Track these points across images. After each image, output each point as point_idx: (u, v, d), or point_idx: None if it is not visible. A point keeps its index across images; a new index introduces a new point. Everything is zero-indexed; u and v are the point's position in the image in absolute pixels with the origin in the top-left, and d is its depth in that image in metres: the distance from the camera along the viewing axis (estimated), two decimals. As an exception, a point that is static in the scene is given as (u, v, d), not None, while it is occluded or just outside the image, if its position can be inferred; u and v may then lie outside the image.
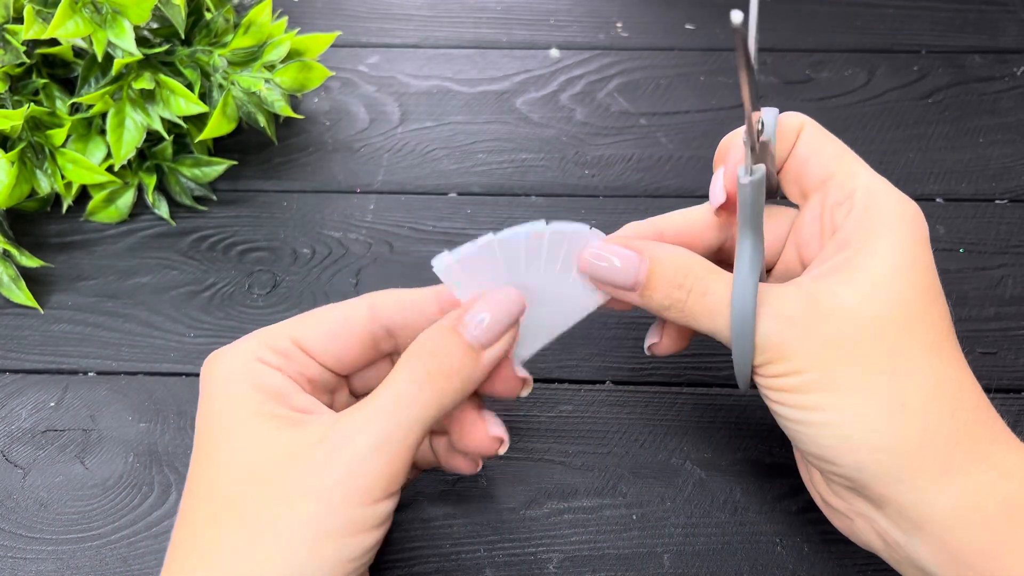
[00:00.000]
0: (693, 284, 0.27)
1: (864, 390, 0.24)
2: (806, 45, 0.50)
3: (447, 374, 0.25)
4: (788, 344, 0.25)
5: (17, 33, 0.38)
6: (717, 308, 0.26)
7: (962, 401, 0.25)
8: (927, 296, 0.26)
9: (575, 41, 0.50)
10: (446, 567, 0.33)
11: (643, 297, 0.27)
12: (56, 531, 0.34)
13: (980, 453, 0.24)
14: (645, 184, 0.44)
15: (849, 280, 0.25)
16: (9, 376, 0.38)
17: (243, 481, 0.24)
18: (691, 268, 0.27)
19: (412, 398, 0.25)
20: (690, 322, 0.27)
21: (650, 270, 0.27)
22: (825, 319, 0.25)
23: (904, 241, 0.26)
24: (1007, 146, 0.45)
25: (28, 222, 0.43)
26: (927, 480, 0.24)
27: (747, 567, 0.33)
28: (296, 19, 0.51)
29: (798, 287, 0.26)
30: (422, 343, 0.26)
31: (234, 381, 0.26)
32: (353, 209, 0.43)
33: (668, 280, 0.27)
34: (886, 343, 0.24)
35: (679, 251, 0.27)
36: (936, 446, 0.24)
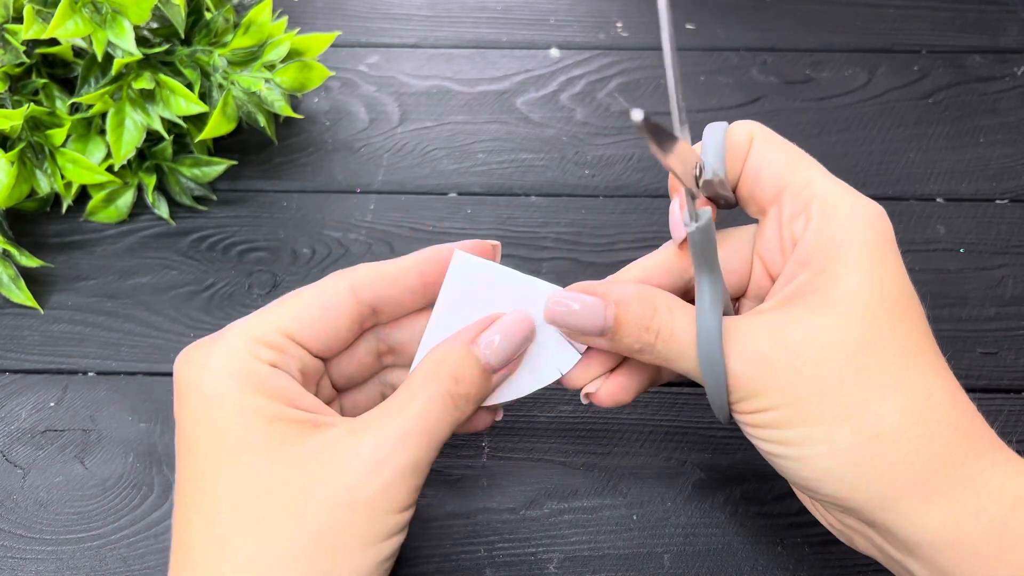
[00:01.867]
0: (660, 326, 0.26)
1: (837, 423, 0.24)
2: (806, 45, 0.50)
3: (467, 399, 0.26)
4: (759, 381, 0.25)
5: (17, 33, 0.38)
6: (686, 349, 0.26)
7: (941, 419, 0.24)
8: (898, 306, 0.25)
9: (575, 41, 0.50)
10: (446, 567, 0.33)
11: (613, 342, 0.27)
12: (56, 531, 0.34)
13: (963, 475, 0.23)
14: (645, 184, 0.44)
15: (814, 306, 0.25)
16: (9, 376, 0.38)
17: (262, 496, 0.24)
18: (657, 309, 0.26)
19: (439, 421, 0.25)
20: (663, 363, 0.27)
21: (616, 314, 0.26)
22: (793, 353, 0.24)
23: (867, 251, 0.25)
24: (1007, 146, 0.45)
25: (28, 222, 0.43)
26: (910, 506, 0.23)
27: (747, 567, 0.33)
28: (296, 19, 0.51)
29: (764, 321, 0.25)
30: (443, 364, 0.26)
31: (232, 383, 0.25)
32: (353, 209, 0.43)
33: (635, 323, 0.26)
34: (857, 369, 0.24)
35: (644, 291, 0.27)
36: (915, 474, 0.23)
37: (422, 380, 0.26)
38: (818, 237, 0.25)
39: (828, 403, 0.24)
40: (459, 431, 0.28)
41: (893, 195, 0.43)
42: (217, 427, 0.24)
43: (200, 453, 0.24)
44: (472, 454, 0.36)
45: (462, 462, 0.35)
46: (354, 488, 0.24)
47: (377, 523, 0.24)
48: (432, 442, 0.25)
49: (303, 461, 0.24)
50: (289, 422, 0.24)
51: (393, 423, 0.25)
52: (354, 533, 0.24)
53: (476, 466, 0.35)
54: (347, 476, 0.24)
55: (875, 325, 0.24)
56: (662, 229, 0.42)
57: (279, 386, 0.25)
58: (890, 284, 0.25)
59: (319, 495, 0.24)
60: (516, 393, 0.29)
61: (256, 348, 0.25)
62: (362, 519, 0.24)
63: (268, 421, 0.24)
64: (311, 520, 0.23)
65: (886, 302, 0.25)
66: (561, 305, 0.27)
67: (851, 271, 0.25)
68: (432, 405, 0.25)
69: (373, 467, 0.24)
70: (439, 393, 0.26)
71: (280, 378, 0.25)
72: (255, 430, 0.24)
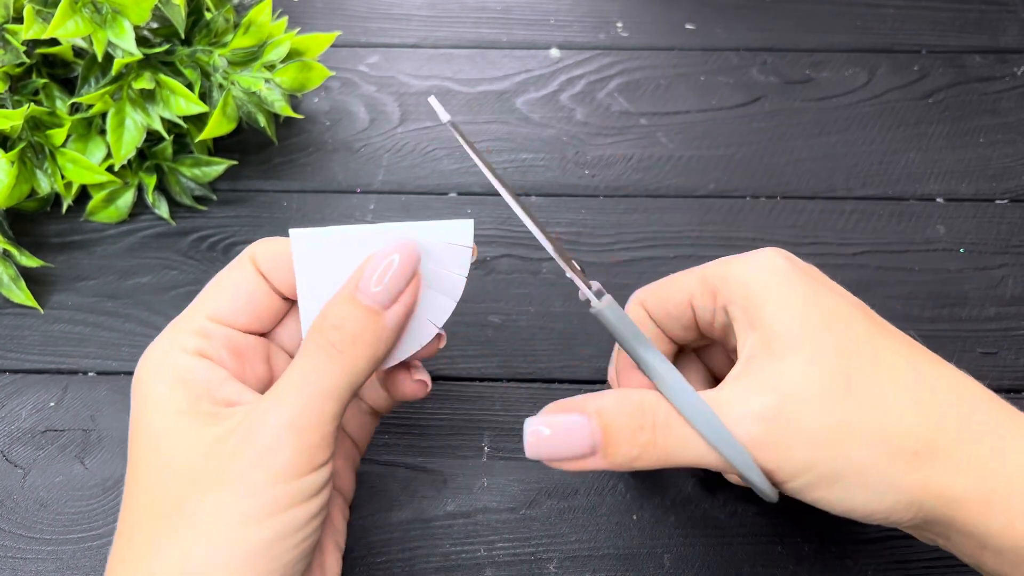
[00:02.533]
0: (655, 419, 0.25)
1: (864, 473, 0.24)
2: (806, 45, 0.50)
3: (352, 341, 0.25)
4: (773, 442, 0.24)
5: (17, 33, 0.38)
6: (690, 433, 0.25)
7: (956, 406, 0.24)
8: (842, 321, 0.25)
9: (575, 41, 0.50)
10: (446, 567, 0.33)
11: (607, 458, 0.25)
12: (56, 531, 0.34)
13: (1012, 448, 0.24)
14: (645, 184, 0.44)
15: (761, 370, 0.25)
16: (9, 376, 0.38)
17: (170, 483, 0.24)
18: (643, 404, 0.25)
19: (320, 371, 0.24)
20: (667, 461, 0.25)
21: (603, 425, 0.25)
22: (787, 413, 0.24)
23: (777, 287, 0.25)
24: (1008, 146, 0.45)
25: (28, 222, 0.43)
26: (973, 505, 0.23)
27: (747, 567, 0.33)
28: (296, 19, 0.51)
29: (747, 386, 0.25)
30: (323, 316, 0.25)
31: (158, 380, 0.25)
32: (353, 209, 0.43)
33: (627, 426, 0.25)
34: (852, 399, 0.24)
35: (623, 393, 0.26)
36: (965, 470, 0.23)
37: (306, 338, 0.25)
38: (739, 304, 0.26)
39: (850, 449, 0.24)
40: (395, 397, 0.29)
41: (893, 195, 0.43)
42: (140, 425, 0.25)
43: (130, 448, 0.25)
44: (472, 454, 0.36)
45: (462, 462, 0.35)
46: (226, 463, 0.23)
47: (259, 495, 0.23)
48: (314, 394, 0.24)
49: (200, 450, 0.24)
50: (198, 414, 0.24)
51: (276, 387, 0.24)
52: (227, 512, 0.23)
53: (476, 466, 0.35)
54: (224, 453, 0.23)
55: (838, 358, 0.24)
56: (662, 229, 0.42)
57: (199, 377, 0.25)
58: (820, 309, 0.25)
59: (202, 480, 0.23)
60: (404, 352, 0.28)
61: (182, 339, 0.26)
62: (233, 494, 0.23)
63: (178, 414, 0.24)
64: (191, 507, 0.23)
65: (831, 325, 0.25)
66: (536, 435, 0.25)
67: (776, 315, 0.25)
68: (308, 357, 0.25)
69: (245, 436, 0.23)
70: (317, 344, 0.25)
71: (200, 368, 0.25)
72: (166, 424, 0.24)
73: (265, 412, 0.24)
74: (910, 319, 0.39)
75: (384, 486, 0.35)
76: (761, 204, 0.43)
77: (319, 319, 0.26)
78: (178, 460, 0.24)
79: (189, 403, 0.25)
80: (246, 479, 0.23)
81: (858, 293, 0.40)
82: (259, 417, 0.24)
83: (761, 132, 0.46)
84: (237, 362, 0.27)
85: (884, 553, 0.33)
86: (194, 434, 0.24)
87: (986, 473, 0.23)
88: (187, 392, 0.25)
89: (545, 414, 0.26)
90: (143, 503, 0.24)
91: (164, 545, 0.23)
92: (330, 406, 0.24)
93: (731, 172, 0.44)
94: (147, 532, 0.23)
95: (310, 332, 0.25)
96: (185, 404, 0.24)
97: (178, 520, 0.23)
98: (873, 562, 0.33)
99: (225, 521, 0.23)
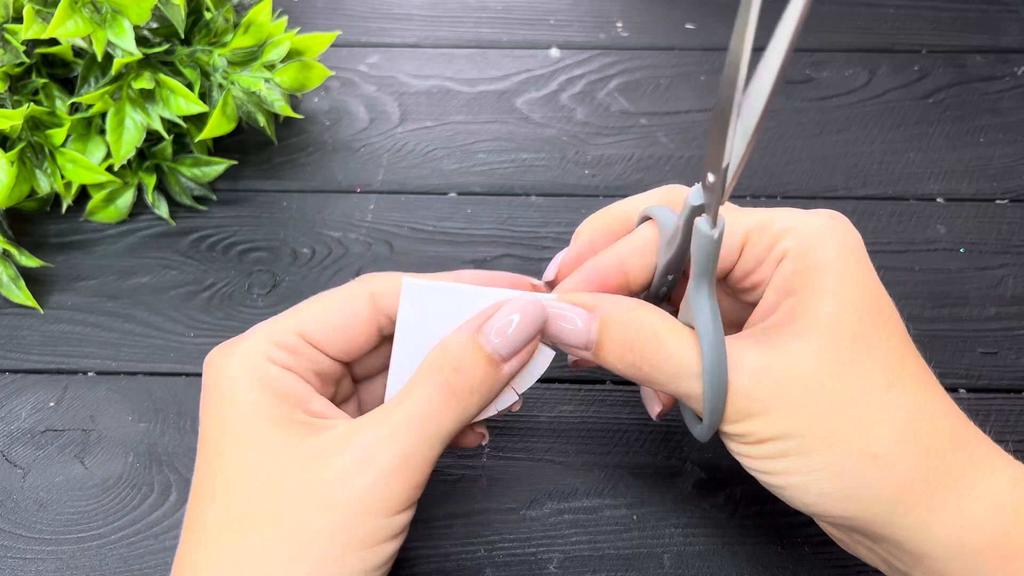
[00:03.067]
0: (643, 350, 0.25)
1: (833, 448, 0.24)
2: (806, 45, 0.50)
3: (470, 390, 0.25)
4: (758, 400, 0.24)
5: (17, 33, 0.38)
6: (677, 370, 0.25)
7: (935, 432, 0.24)
8: (875, 323, 0.25)
9: (575, 41, 0.50)
10: (446, 567, 0.33)
11: (597, 357, 0.26)
12: (56, 531, 0.34)
13: (964, 485, 0.24)
14: (645, 184, 0.44)
15: (795, 334, 0.25)
16: (9, 376, 0.38)
17: (262, 490, 0.23)
18: (640, 332, 0.25)
19: (436, 414, 0.24)
20: (650, 384, 0.26)
21: (600, 330, 0.26)
22: (782, 379, 0.24)
23: (837, 271, 0.25)
24: (1008, 146, 0.45)
25: (28, 222, 0.43)
26: (916, 520, 0.24)
27: (747, 567, 0.33)
28: (296, 19, 0.51)
29: (754, 343, 0.25)
30: (444, 355, 0.25)
31: (246, 384, 0.25)
32: (353, 209, 0.43)
33: (620, 343, 0.25)
34: (844, 392, 0.24)
35: (632, 312, 0.26)
36: (917, 490, 0.23)
37: (422, 373, 0.25)
38: (792, 265, 0.26)
39: (820, 429, 0.24)
40: (453, 445, 0.28)
41: (893, 195, 0.43)
42: (227, 425, 0.25)
43: (212, 447, 0.25)
44: (472, 454, 0.36)
45: (462, 462, 0.35)
46: (336, 486, 0.23)
47: (362, 526, 0.23)
48: (428, 435, 0.24)
49: (297, 461, 0.24)
50: (293, 423, 0.24)
51: (387, 418, 0.24)
52: (333, 535, 0.23)
53: (476, 466, 0.35)
54: (331, 474, 0.23)
55: (854, 346, 0.24)
56: (662, 229, 0.42)
57: (289, 388, 0.25)
58: (864, 301, 0.25)
59: (302, 495, 0.23)
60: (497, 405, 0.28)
61: (271, 350, 0.26)
62: (342, 520, 0.23)
63: (272, 422, 0.24)
64: (289, 521, 0.23)
65: (863, 322, 0.25)
66: (552, 317, 0.26)
67: (825, 295, 0.25)
68: (428, 397, 0.25)
69: (358, 463, 0.23)
70: (437, 384, 0.25)
71: (289, 380, 0.26)
72: (259, 430, 0.24)
73: (381, 444, 0.24)
74: (910, 319, 0.39)
75: (384, 486, 0.35)
76: (761, 204, 0.43)
77: (439, 355, 0.25)
78: (273, 467, 0.24)
79: (285, 412, 0.24)
80: (357, 506, 0.23)
81: (858, 293, 0.40)
82: (375, 446, 0.24)
83: (761, 132, 0.46)
84: (318, 382, 0.27)
85: (884, 553, 0.33)
86: (290, 443, 0.24)
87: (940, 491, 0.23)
88: (281, 401, 0.25)
89: (561, 298, 0.26)
90: (231, 505, 0.24)
91: (260, 555, 0.23)
92: (437, 448, 0.25)
93: (731, 172, 0.44)
94: (236, 536, 0.23)
95: (428, 367, 0.25)
96: (281, 413, 0.24)
97: (275, 532, 0.23)
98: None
99: (330, 544, 0.23)
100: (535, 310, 0.26)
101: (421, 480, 0.24)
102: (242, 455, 0.24)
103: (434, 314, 0.27)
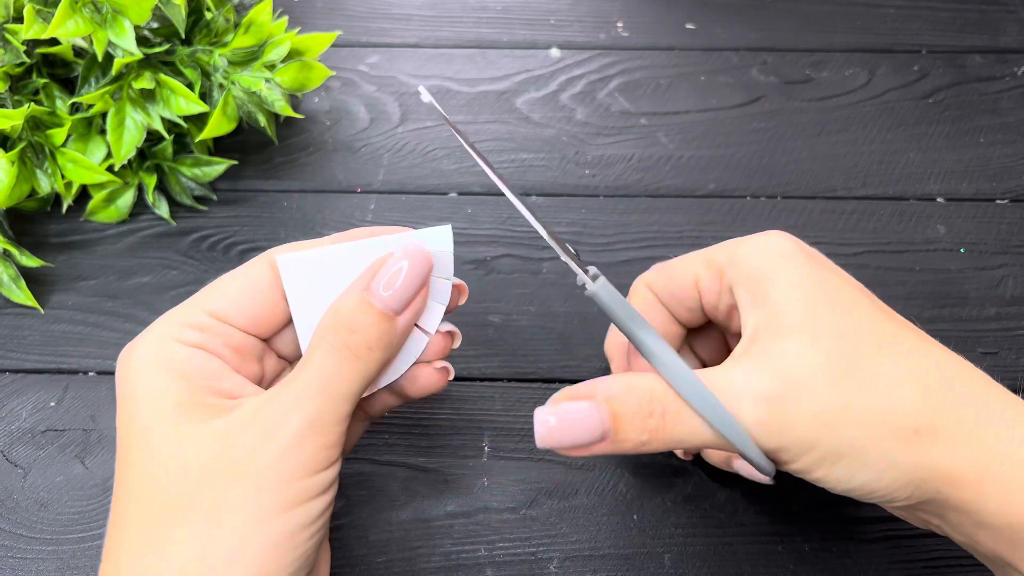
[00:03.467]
0: (664, 406, 0.25)
1: (873, 441, 0.24)
2: (806, 45, 0.50)
3: (369, 347, 0.25)
4: (779, 429, 0.24)
5: (17, 33, 0.38)
6: (696, 419, 0.25)
7: (956, 387, 0.24)
8: (846, 306, 0.25)
9: (575, 41, 0.50)
10: (446, 567, 0.33)
11: (617, 443, 0.25)
12: (56, 531, 0.34)
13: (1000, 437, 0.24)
14: (645, 184, 0.44)
15: (774, 340, 0.25)
16: (9, 376, 0.38)
17: (178, 475, 0.24)
18: (653, 391, 0.25)
19: (337, 374, 0.25)
20: (676, 445, 0.25)
21: (612, 412, 0.25)
22: (792, 391, 0.24)
23: (790, 277, 0.26)
24: (1008, 146, 0.45)
25: (28, 222, 0.43)
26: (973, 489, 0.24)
27: (747, 567, 0.33)
28: (296, 19, 0.51)
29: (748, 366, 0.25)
30: (337, 316, 0.26)
31: (153, 372, 0.25)
32: (353, 209, 0.43)
33: (636, 413, 0.25)
34: (852, 377, 0.24)
35: (631, 378, 0.26)
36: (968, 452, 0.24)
37: (318, 338, 0.26)
38: (742, 287, 0.27)
39: (852, 429, 0.24)
40: (407, 397, 0.29)
41: (893, 195, 0.43)
42: (134, 415, 0.25)
43: (123, 439, 0.25)
44: (472, 454, 0.36)
45: (462, 462, 0.35)
46: (246, 459, 0.23)
47: (280, 491, 0.23)
48: (333, 397, 0.25)
49: (206, 443, 0.24)
50: (198, 406, 0.24)
51: (289, 386, 0.25)
52: (250, 503, 0.23)
53: (476, 466, 0.35)
54: (239, 451, 0.24)
55: (842, 340, 0.24)
56: (662, 229, 0.42)
57: (196, 368, 0.25)
58: (826, 291, 0.25)
59: (214, 474, 0.23)
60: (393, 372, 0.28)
61: (179, 331, 0.26)
62: (257, 488, 0.23)
63: (177, 407, 0.24)
64: (202, 500, 0.23)
65: (836, 307, 0.25)
66: (546, 425, 0.25)
67: (788, 307, 0.25)
68: (327, 360, 0.25)
69: (265, 434, 0.24)
70: (333, 346, 0.25)
71: (197, 359, 0.25)
72: (165, 417, 0.24)
73: (286, 411, 0.24)
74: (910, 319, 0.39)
75: (384, 486, 0.35)
76: (761, 204, 0.43)
77: (332, 318, 0.26)
78: (184, 452, 0.24)
79: (190, 395, 0.25)
80: (269, 474, 0.23)
81: (858, 293, 0.40)
82: (281, 415, 0.24)
83: (761, 132, 0.46)
84: (235, 359, 0.27)
85: (884, 553, 0.33)
86: (198, 426, 0.24)
87: (983, 452, 0.24)
88: (187, 384, 0.25)
89: (555, 403, 0.26)
90: (147, 496, 0.24)
91: (181, 536, 0.23)
92: (345, 407, 0.25)
93: (731, 172, 0.44)
94: (156, 525, 0.23)
95: (323, 330, 0.26)
96: (186, 396, 0.24)
97: (194, 512, 0.23)
98: (873, 562, 0.33)
99: (248, 514, 0.23)
100: (418, 256, 0.26)
101: (334, 438, 0.25)
102: (151, 444, 0.24)
103: (320, 282, 0.27)
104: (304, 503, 0.24)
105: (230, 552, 0.23)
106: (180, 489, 0.23)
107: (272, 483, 0.23)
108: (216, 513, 0.23)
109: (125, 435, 0.25)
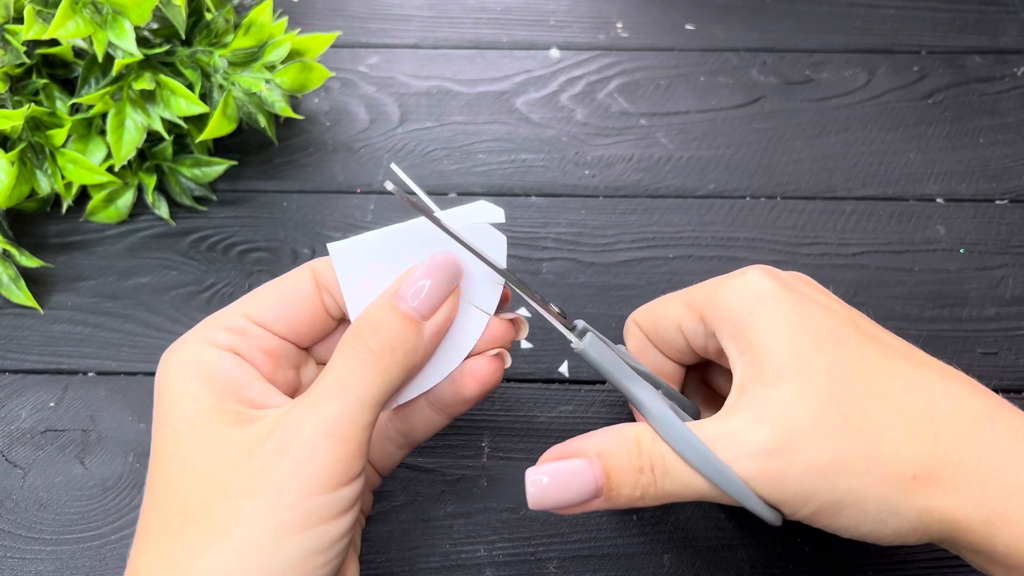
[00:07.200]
0: (652, 460, 0.24)
1: (871, 487, 0.23)
2: (806, 45, 0.50)
3: (390, 348, 0.24)
4: (772, 477, 0.24)
5: (17, 33, 0.38)
6: (692, 472, 0.24)
7: (955, 423, 0.24)
8: (829, 340, 0.25)
9: (575, 41, 0.51)
10: (446, 567, 0.33)
11: (611, 500, 0.25)
12: (56, 531, 0.34)
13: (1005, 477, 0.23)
14: (645, 184, 0.44)
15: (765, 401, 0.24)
16: (9, 376, 0.38)
17: (197, 485, 0.23)
18: (641, 443, 0.25)
19: (356, 378, 0.24)
20: (672, 498, 0.25)
21: (604, 467, 0.24)
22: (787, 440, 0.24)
23: (773, 320, 0.25)
24: (1007, 146, 0.45)
25: (28, 222, 0.43)
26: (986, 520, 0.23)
27: (747, 567, 0.33)
28: (296, 19, 0.51)
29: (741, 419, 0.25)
30: (361, 320, 0.25)
31: (185, 376, 0.24)
32: (353, 209, 0.43)
33: (629, 469, 0.24)
34: (841, 433, 0.24)
35: (620, 433, 0.25)
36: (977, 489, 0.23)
37: (341, 343, 0.25)
38: (724, 330, 0.26)
39: (848, 480, 0.23)
40: (455, 404, 0.27)
41: (893, 195, 0.43)
42: (164, 422, 0.24)
43: (154, 445, 0.25)
44: (472, 454, 0.36)
45: (462, 462, 0.35)
46: (261, 472, 0.22)
47: (294, 508, 0.22)
48: (350, 402, 0.23)
49: (228, 454, 0.23)
50: (225, 413, 0.24)
51: (308, 395, 0.24)
52: (263, 522, 0.22)
53: (476, 466, 0.35)
54: (257, 462, 0.23)
55: (832, 383, 0.24)
56: (662, 229, 0.42)
57: (224, 373, 0.25)
58: (809, 330, 0.25)
59: (233, 487, 0.22)
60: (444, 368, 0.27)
61: (215, 333, 0.25)
62: (269, 505, 0.22)
63: (203, 414, 0.24)
64: (219, 514, 0.22)
65: (821, 346, 0.25)
66: (538, 485, 0.25)
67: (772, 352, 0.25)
68: (345, 363, 0.24)
69: (280, 444, 0.23)
70: (354, 349, 0.24)
71: (227, 363, 0.25)
72: (191, 424, 0.24)
73: (301, 419, 0.23)
74: (910, 319, 0.39)
75: (384, 486, 0.35)
76: (761, 204, 0.43)
77: (357, 323, 0.25)
78: (205, 462, 0.23)
79: (215, 401, 0.24)
80: (282, 489, 0.22)
81: (858, 293, 0.40)
82: (295, 423, 0.23)
83: (761, 132, 0.46)
84: (269, 364, 0.26)
85: (884, 553, 0.33)
86: (221, 435, 0.23)
87: (987, 495, 0.23)
88: (212, 389, 0.24)
89: (545, 462, 0.25)
90: (168, 505, 0.23)
91: (192, 551, 0.22)
92: (366, 415, 0.24)
93: (731, 172, 0.44)
94: (173, 536, 0.23)
95: (347, 336, 0.25)
96: (211, 402, 0.24)
97: (206, 527, 0.22)
98: (873, 562, 0.33)
99: (258, 532, 0.22)
100: (446, 263, 0.26)
101: (353, 450, 0.23)
102: (178, 451, 0.24)
103: (374, 267, 0.27)
104: (320, 523, 0.22)
105: (236, 573, 0.22)
106: (200, 500, 0.23)
107: (286, 499, 0.22)
108: (225, 529, 0.22)
109: (158, 439, 0.24)
